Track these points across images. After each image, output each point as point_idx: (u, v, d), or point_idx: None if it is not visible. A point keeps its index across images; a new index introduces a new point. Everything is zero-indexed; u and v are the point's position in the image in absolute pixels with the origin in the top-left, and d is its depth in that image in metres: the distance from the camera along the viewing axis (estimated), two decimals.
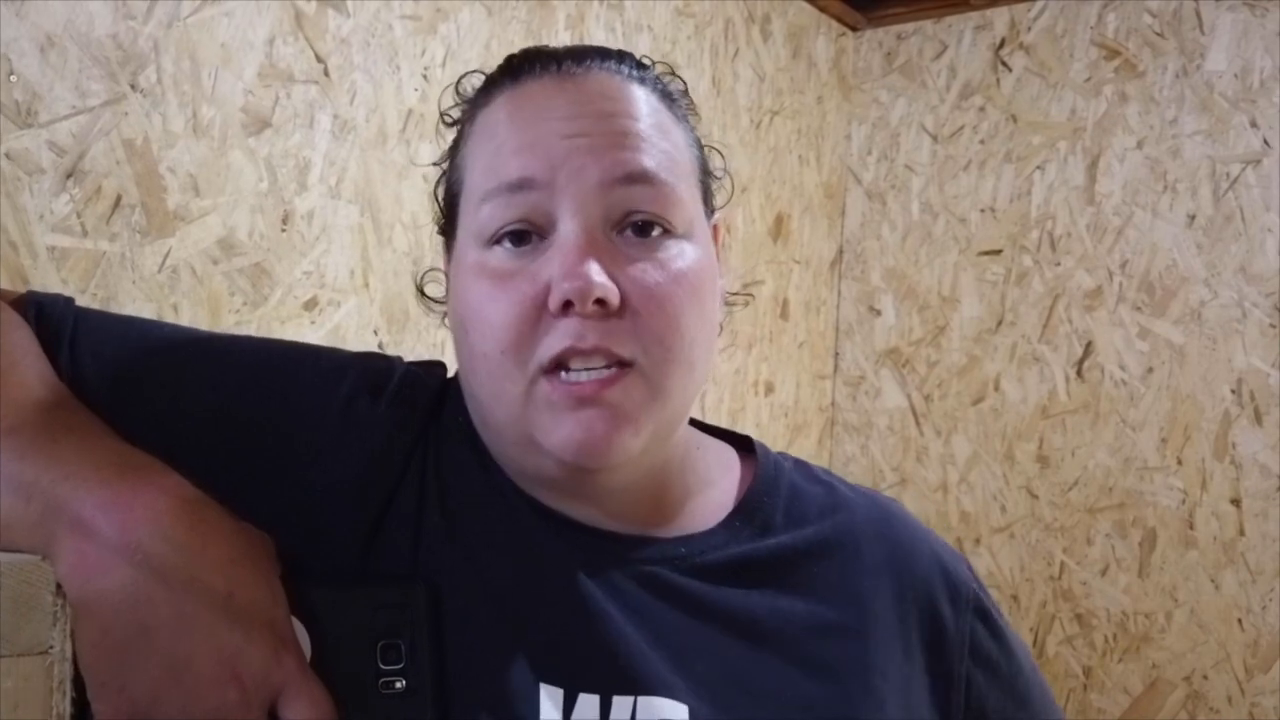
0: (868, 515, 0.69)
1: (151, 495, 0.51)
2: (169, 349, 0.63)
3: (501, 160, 0.59)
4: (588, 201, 0.57)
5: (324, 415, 0.62)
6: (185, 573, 0.49)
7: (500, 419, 0.60)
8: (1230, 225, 1.87)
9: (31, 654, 0.46)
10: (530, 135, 0.58)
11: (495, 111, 0.62)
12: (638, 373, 0.57)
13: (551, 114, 0.59)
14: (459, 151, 0.64)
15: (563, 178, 0.57)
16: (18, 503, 0.50)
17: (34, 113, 0.97)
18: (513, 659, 0.58)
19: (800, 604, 0.63)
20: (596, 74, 0.61)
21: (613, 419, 0.56)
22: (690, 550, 0.63)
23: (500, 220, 0.58)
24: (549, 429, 0.57)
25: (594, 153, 0.58)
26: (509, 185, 0.58)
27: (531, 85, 0.61)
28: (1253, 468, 1.84)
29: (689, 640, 0.60)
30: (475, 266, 0.59)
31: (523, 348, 0.57)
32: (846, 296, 2.32)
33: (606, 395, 0.56)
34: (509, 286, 0.57)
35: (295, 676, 0.50)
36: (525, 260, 0.58)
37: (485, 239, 0.59)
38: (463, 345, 0.61)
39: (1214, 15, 1.89)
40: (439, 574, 0.59)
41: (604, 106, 0.59)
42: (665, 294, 0.57)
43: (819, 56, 2.20)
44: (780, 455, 0.72)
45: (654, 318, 0.57)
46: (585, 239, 0.56)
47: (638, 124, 0.60)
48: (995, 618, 0.70)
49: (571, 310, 0.55)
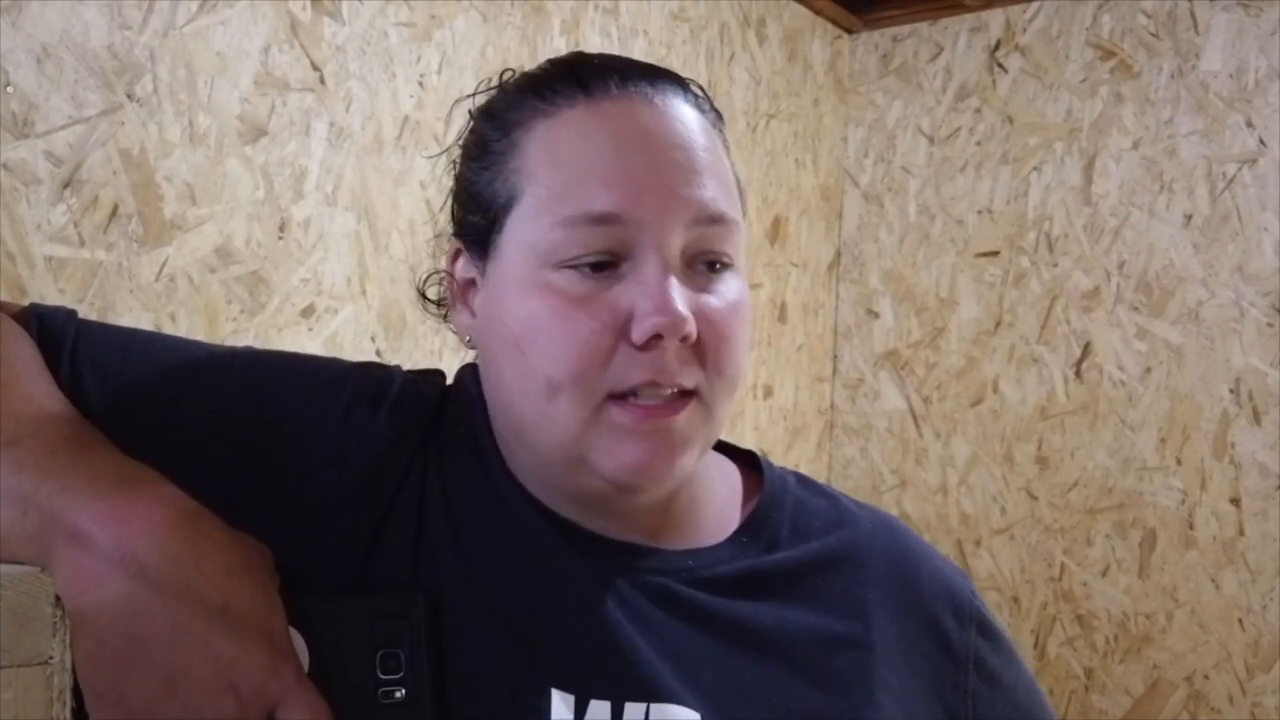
0: (871, 530, 0.70)
1: (148, 507, 0.51)
2: (169, 361, 0.63)
3: (585, 188, 0.57)
4: (671, 236, 0.57)
5: (323, 426, 0.62)
6: (181, 584, 0.49)
7: (548, 439, 0.59)
8: (1227, 225, 1.87)
9: (31, 664, 0.47)
10: (616, 166, 0.58)
11: (567, 128, 0.60)
12: (698, 399, 0.59)
13: (634, 142, 0.58)
14: (508, 157, 0.61)
15: (649, 214, 0.57)
16: (15, 514, 0.50)
17: (31, 123, 0.97)
18: (522, 665, 0.58)
19: (805, 616, 0.64)
20: (671, 101, 0.61)
21: (673, 444, 0.58)
22: (697, 563, 0.64)
23: (580, 249, 0.57)
24: (611, 451, 0.57)
25: (678, 190, 0.58)
26: (594, 217, 0.57)
27: (609, 106, 0.60)
28: (1252, 467, 1.84)
29: (695, 650, 0.60)
30: (539, 285, 0.58)
31: (594, 373, 0.57)
32: (844, 299, 2.32)
33: (672, 422, 0.57)
34: (584, 311, 0.57)
35: (292, 687, 0.50)
36: (600, 285, 0.57)
37: (556, 261, 0.58)
38: (513, 364, 0.59)
39: (1208, 15, 1.89)
40: (441, 583, 0.59)
41: (682, 139, 0.59)
42: (727, 326, 0.59)
43: (815, 59, 2.21)
44: (784, 470, 0.73)
45: (718, 349, 0.59)
46: (669, 273, 0.57)
47: (708, 158, 0.60)
48: (996, 631, 0.71)
49: (657, 344, 0.56)
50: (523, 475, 0.64)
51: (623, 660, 0.58)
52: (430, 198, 1.38)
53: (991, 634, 0.70)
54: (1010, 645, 0.72)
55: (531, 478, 0.63)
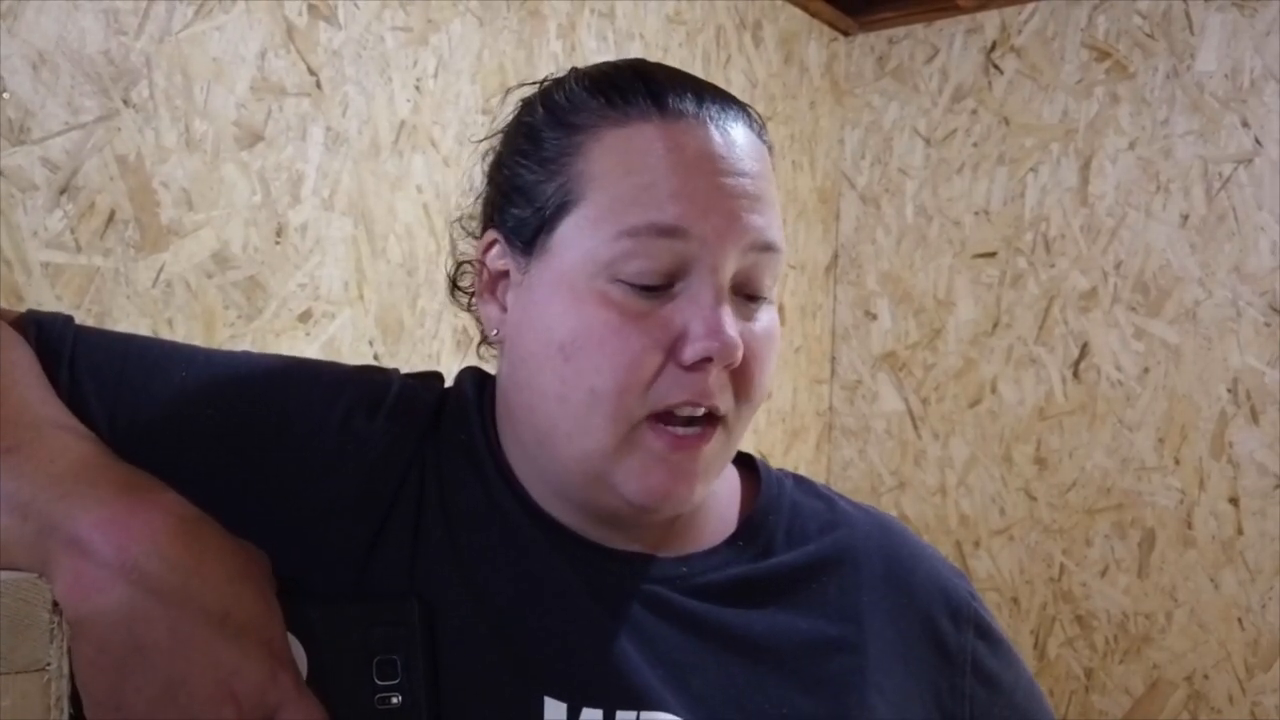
0: (868, 531, 0.69)
1: (149, 514, 0.51)
2: (167, 368, 0.63)
3: (654, 199, 0.57)
4: (727, 260, 0.58)
5: (320, 432, 0.62)
6: (182, 591, 0.49)
7: (576, 451, 0.59)
8: (1223, 225, 1.87)
9: (29, 671, 0.47)
10: (689, 183, 0.58)
11: (640, 139, 0.59)
12: (724, 426, 0.60)
13: (708, 163, 0.58)
14: (572, 159, 0.60)
15: (712, 234, 0.57)
16: (15, 521, 0.50)
17: (27, 129, 0.97)
18: (514, 673, 0.58)
19: (799, 621, 0.64)
20: (737, 127, 0.61)
21: (696, 473, 0.59)
22: (691, 570, 0.64)
23: (643, 264, 0.57)
24: (638, 475, 0.58)
25: (739, 215, 0.58)
26: (661, 229, 0.57)
27: (683, 126, 0.59)
28: (1250, 466, 1.84)
29: (687, 658, 0.60)
30: (594, 293, 0.58)
31: (638, 390, 0.57)
32: (842, 301, 2.32)
33: (701, 447, 0.59)
34: (638, 327, 0.57)
35: (291, 694, 0.50)
36: (654, 303, 0.57)
37: (614, 273, 0.57)
38: (553, 368, 0.59)
39: (1203, 16, 1.89)
40: (437, 590, 0.59)
41: (749, 166, 0.60)
42: (762, 354, 0.60)
43: (811, 62, 2.21)
44: (781, 472, 0.72)
45: (751, 377, 0.60)
46: (721, 297, 0.58)
47: (767, 187, 0.61)
48: (994, 632, 0.70)
49: (705, 366, 0.57)
50: (529, 479, 0.64)
51: (614, 669, 0.58)
52: (427, 202, 1.38)
53: (989, 635, 0.69)
54: (1009, 646, 0.71)
55: (539, 483, 0.63)
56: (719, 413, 0.59)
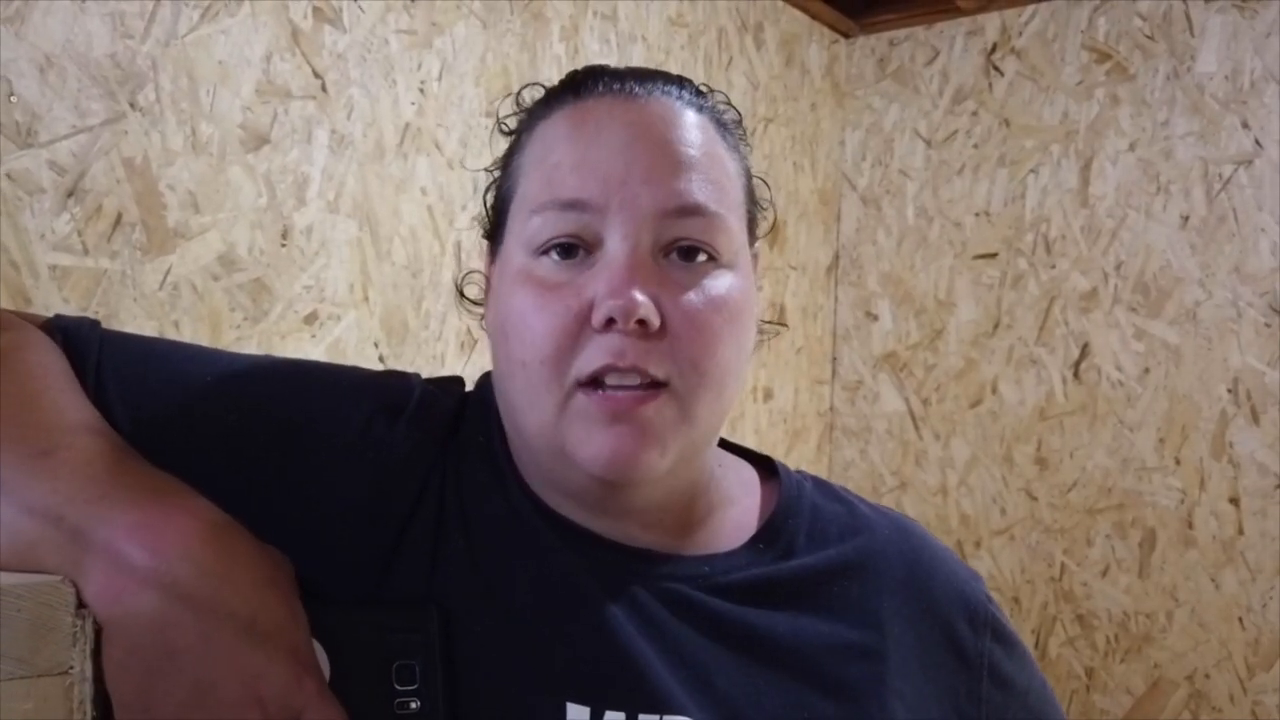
0: (888, 536, 0.69)
1: (181, 520, 0.51)
2: (191, 372, 0.63)
3: (559, 176, 0.59)
4: (640, 228, 0.58)
5: (341, 437, 0.62)
6: (211, 597, 0.49)
7: (534, 427, 0.60)
8: (1224, 226, 1.88)
9: (51, 675, 0.47)
10: (589, 155, 0.59)
11: (555, 125, 0.62)
12: (670, 393, 0.58)
13: (611, 135, 0.59)
14: (513, 159, 0.65)
15: (616, 203, 0.58)
16: (48, 525, 0.50)
17: (34, 133, 0.97)
18: (536, 678, 0.58)
19: (820, 624, 0.64)
20: (658, 98, 0.62)
21: (642, 436, 0.57)
22: (713, 569, 0.64)
23: (550, 232, 0.59)
24: (582, 441, 0.57)
25: (649, 181, 0.58)
26: (563, 203, 0.58)
27: (593, 103, 0.61)
28: (1250, 466, 1.85)
29: (708, 659, 0.60)
30: (521, 274, 0.60)
31: (562, 359, 0.57)
32: (843, 302, 2.33)
33: (639, 412, 0.57)
34: (554, 297, 0.58)
35: (315, 699, 0.50)
36: (572, 273, 0.58)
37: (534, 248, 0.59)
38: (501, 350, 0.61)
39: (1204, 17, 1.90)
40: (457, 596, 0.59)
41: (663, 132, 0.60)
42: (704, 320, 0.59)
43: (812, 64, 2.21)
44: (800, 474, 0.72)
45: (691, 342, 0.58)
46: (632, 260, 0.57)
47: (693, 152, 0.60)
48: (1010, 636, 0.71)
49: (613, 327, 0.56)
50: (533, 481, 0.64)
51: (636, 672, 0.58)
52: (432, 204, 1.39)
53: (1006, 639, 0.70)
54: (1024, 649, 0.72)
55: (538, 477, 0.63)
56: (657, 378, 0.57)
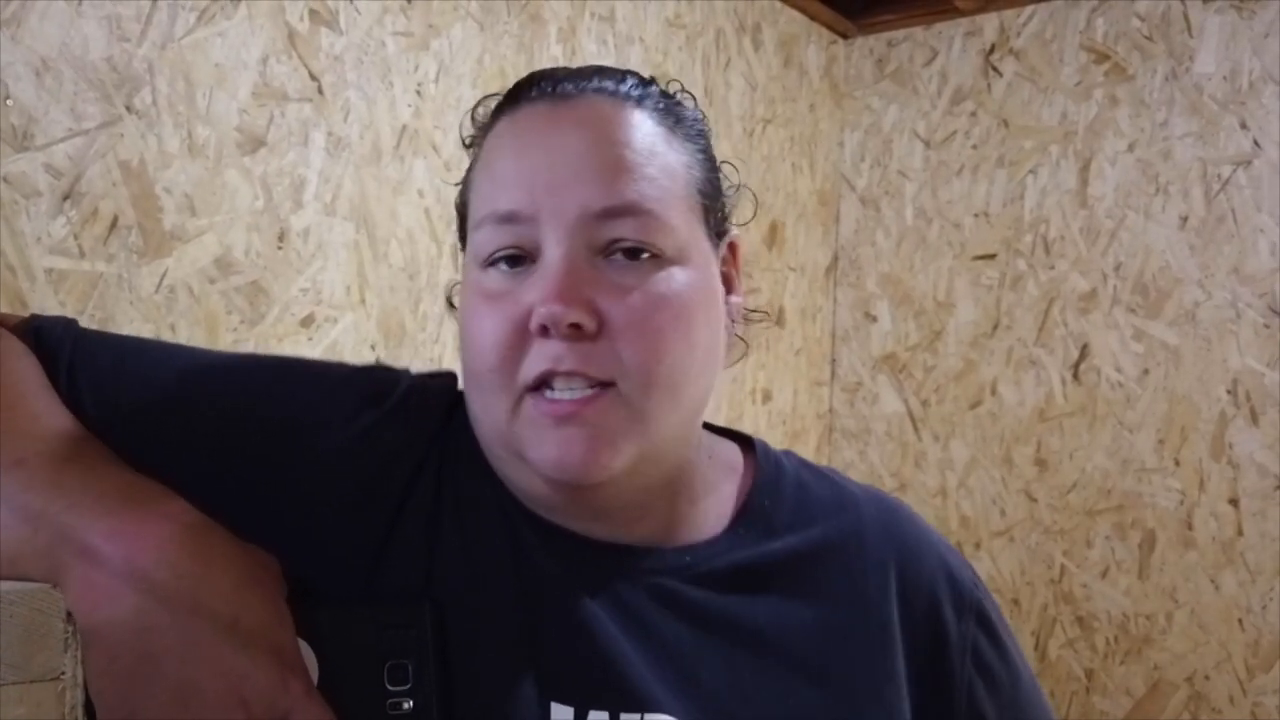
0: (874, 514, 0.69)
1: (157, 523, 0.51)
2: (169, 370, 0.62)
3: (495, 190, 0.61)
4: (570, 233, 0.58)
5: (326, 433, 0.61)
6: (191, 599, 0.49)
7: (491, 434, 0.61)
8: (1222, 226, 1.87)
9: (43, 680, 0.47)
10: (517, 167, 0.60)
11: (498, 136, 0.63)
12: (618, 395, 0.57)
13: (538, 144, 0.60)
14: (470, 173, 0.66)
15: (545, 212, 0.58)
16: (26, 532, 0.50)
17: (30, 136, 0.97)
18: (521, 678, 0.58)
19: (805, 609, 0.63)
20: (590, 98, 0.61)
21: (591, 438, 0.57)
22: (695, 559, 0.63)
23: (492, 245, 0.60)
24: (533, 445, 0.58)
25: (575, 186, 0.58)
26: (499, 216, 0.60)
27: (527, 111, 0.62)
28: (1250, 467, 1.84)
29: (693, 651, 0.60)
30: (473, 285, 0.61)
31: (508, 366, 0.58)
32: (842, 303, 2.33)
33: (585, 414, 0.57)
34: (498, 307, 0.59)
35: (301, 700, 0.50)
36: (514, 283, 0.59)
37: (481, 260, 0.61)
38: (462, 361, 0.63)
39: (1202, 18, 1.90)
40: (449, 592, 0.59)
41: (592, 134, 0.59)
42: (644, 319, 0.58)
43: (810, 64, 2.21)
44: (782, 453, 0.71)
45: (633, 342, 0.57)
46: (565, 266, 0.57)
47: (626, 151, 0.59)
48: (996, 625, 0.70)
49: (550, 334, 0.57)
50: (512, 485, 0.63)
51: (619, 671, 0.58)
52: (429, 206, 1.39)
53: (991, 629, 0.69)
54: (1009, 637, 0.71)
55: (517, 486, 0.63)
56: (601, 380, 0.57)
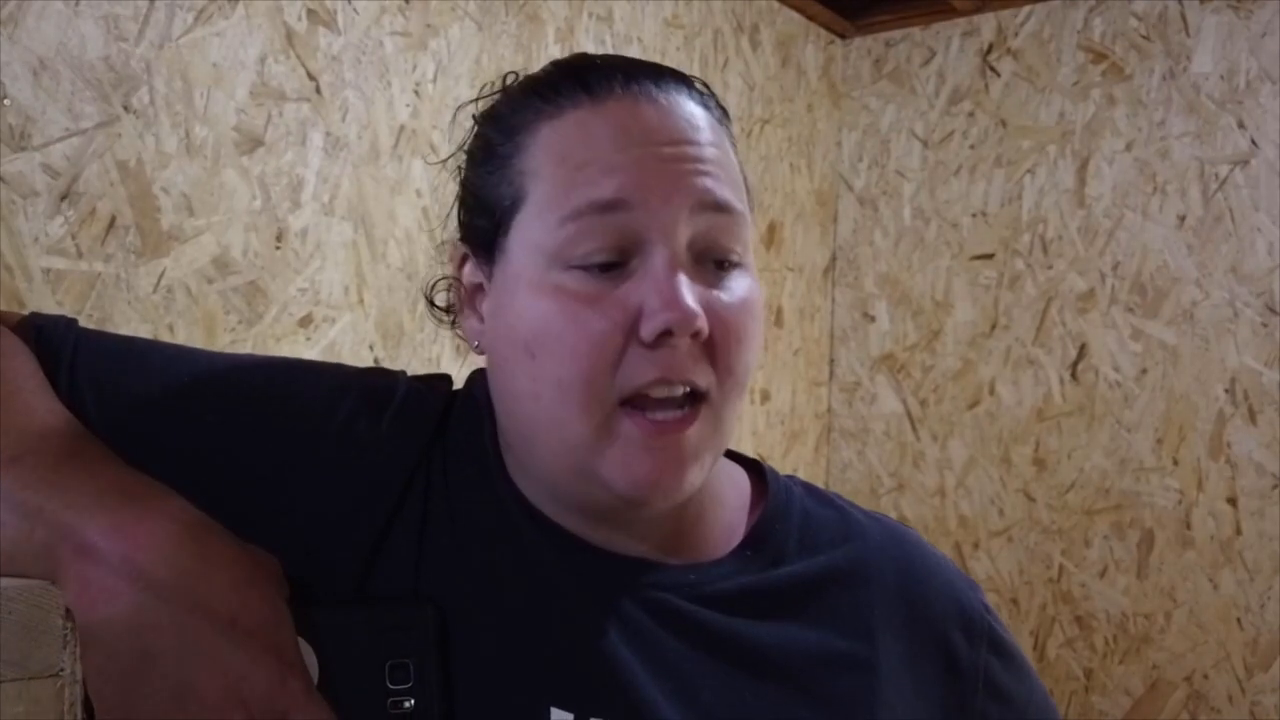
0: (881, 543, 0.68)
1: (155, 521, 0.51)
2: (169, 371, 0.62)
3: (589, 178, 0.56)
4: (677, 227, 0.56)
5: (324, 437, 0.61)
6: (189, 598, 0.49)
7: (558, 447, 0.58)
8: (1220, 226, 1.88)
9: (42, 677, 0.47)
10: (622, 156, 0.56)
11: (571, 126, 0.59)
12: (708, 406, 0.57)
13: (641, 135, 0.57)
14: (513, 159, 0.60)
15: (656, 200, 0.56)
16: (24, 530, 0.50)
17: (28, 136, 0.97)
18: (522, 681, 0.58)
19: (809, 634, 0.62)
20: (675, 97, 0.60)
21: (683, 459, 0.56)
22: (700, 578, 0.62)
23: (590, 245, 0.56)
24: (622, 464, 0.56)
25: (684, 177, 0.57)
26: (600, 205, 0.56)
27: (613, 104, 0.59)
28: (1248, 466, 1.84)
29: (694, 670, 0.60)
30: (548, 286, 0.57)
31: (605, 375, 0.55)
32: (840, 303, 2.33)
33: (684, 436, 0.56)
34: (594, 311, 0.55)
35: (300, 699, 0.50)
36: (609, 284, 0.56)
37: (565, 260, 0.56)
38: (523, 367, 0.58)
39: (1199, 18, 1.90)
40: (444, 595, 0.59)
41: (688, 132, 0.58)
42: (739, 325, 0.58)
43: (808, 65, 2.21)
44: (790, 479, 0.71)
45: (730, 349, 0.57)
46: (675, 265, 0.56)
47: (715, 151, 0.59)
48: (1008, 647, 0.69)
49: (667, 340, 0.55)
50: (528, 485, 0.63)
51: (620, 680, 0.58)
52: (427, 206, 1.39)
53: (1003, 650, 0.68)
54: (1023, 660, 0.70)
55: (537, 487, 0.63)
56: (699, 389, 0.56)
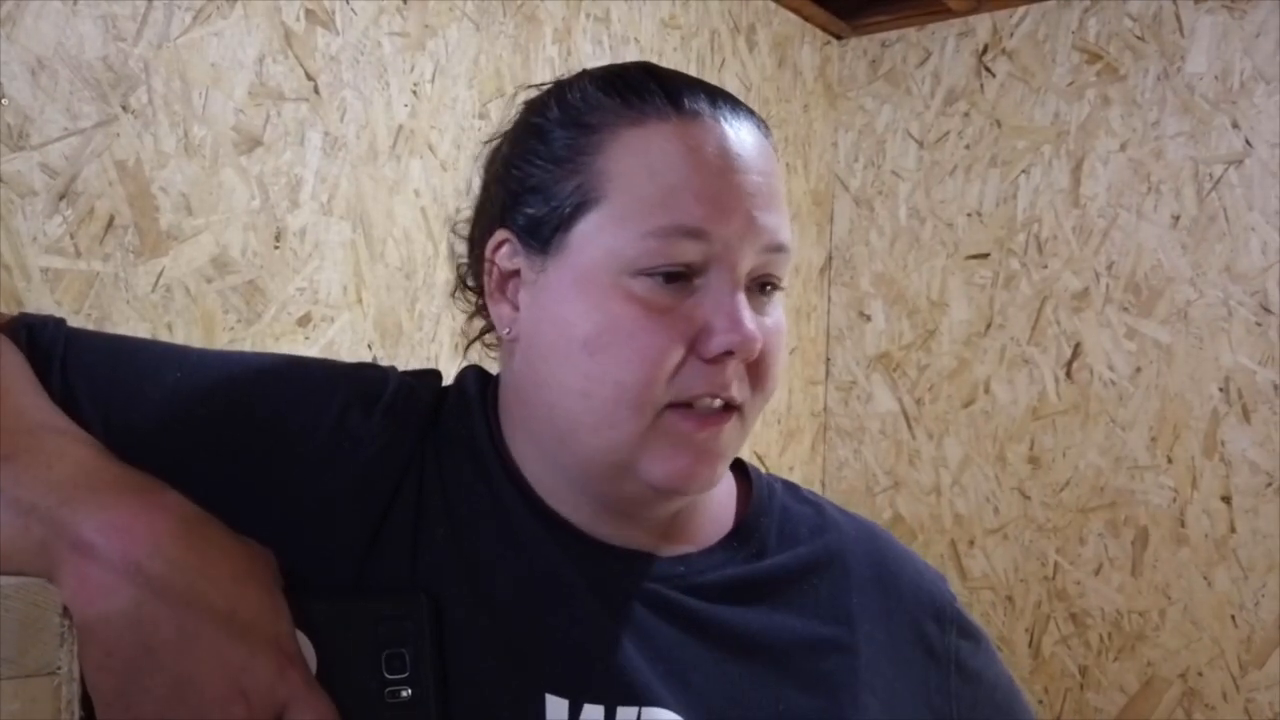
0: (855, 536, 0.72)
1: (151, 515, 0.51)
2: (160, 368, 0.63)
3: (680, 202, 0.58)
4: (745, 260, 0.60)
5: (316, 429, 0.62)
6: (187, 591, 0.49)
7: (600, 444, 0.60)
8: (1214, 225, 1.88)
9: (39, 675, 0.47)
10: (710, 185, 0.59)
11: (661, 140, 0.60)
12: (739, 414, 0.62)
13: (726, 166, 0.60)
14: (590, 157, 0.61)
15: (734, 235, 0.59)
16: (19, 528, 0.50)
17: (26, 135, 0.97)
18: (516, 670, 0.58)
19: (793, 621, 0.65)
20: (748, 128, 0.63)
21: (716, 454, 0.61)
22: (689, 569, 0.65)
23: (667, 259, 0.58)
24: (664, 457, 0.59)
25: (758, 215, 0.60)
26: (688, 231, 0.58)
27: (700, 127, 0.60)
28: (1242, 465, 1.85)
29: (685, 655, 0.62)
30: (618, 290, 0.59)
31: (661, 383, 0.58)
32: (836, 302, 2.33)
33: (721, 432, 0.60)
34: (663, 320, 0.58)
35: (300, 690, 0.50)
36: (677, 297, 0.59)
37: (638, 269, 0.58)
38: (576, 363, 0.59)
39: (1193, 18, 1.91)
40: (438, 585, 0.60)
41: (762, 165, 0.62)
42: (775, 347, 0.62)
43: (804, 65, 2.22)
44: (770, 477, 0.74)
45: (765, 369, 0.62)
46: (739, 293, 0.60)
47: (778, 186, 0.63)
48: (976, 633, 0.73)
49: (725, 359, 0.59)
50: (539, 476, 0.64)
51: (615, 666, 0.59)
52: (425, 205, 1.39)
53: (971, 636, 0.72)
54: (990, 646, 0.74)
55: (552, 479, 0.64)
56: (735, 403, 0.60)
